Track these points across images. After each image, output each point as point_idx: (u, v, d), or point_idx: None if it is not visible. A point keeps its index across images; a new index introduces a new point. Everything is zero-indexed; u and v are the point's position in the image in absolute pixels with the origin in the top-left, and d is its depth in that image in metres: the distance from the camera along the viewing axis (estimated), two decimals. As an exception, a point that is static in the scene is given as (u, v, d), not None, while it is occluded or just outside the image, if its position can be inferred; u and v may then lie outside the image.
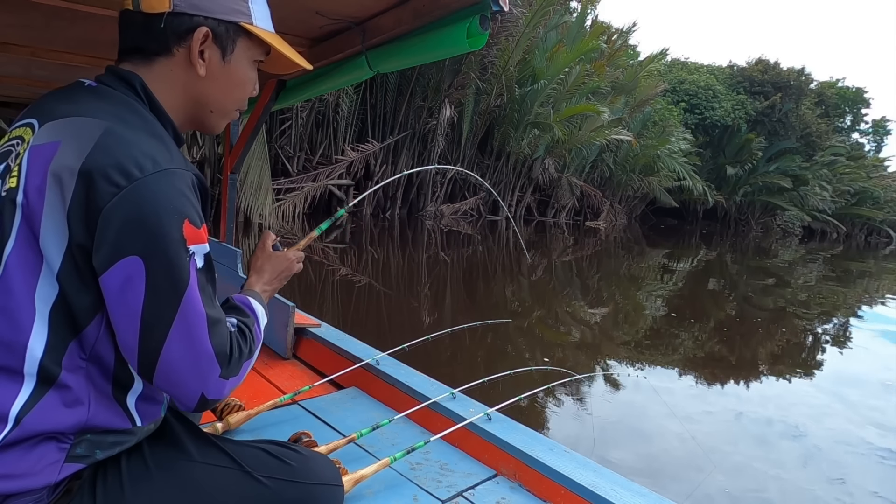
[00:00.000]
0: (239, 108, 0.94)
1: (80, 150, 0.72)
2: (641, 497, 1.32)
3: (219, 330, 0.79)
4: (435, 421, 1.71)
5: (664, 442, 3.22)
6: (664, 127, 22.04)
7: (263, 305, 1.01)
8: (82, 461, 0.78)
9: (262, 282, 1.07)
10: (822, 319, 7.97)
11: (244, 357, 0.85)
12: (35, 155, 0.74)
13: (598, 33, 17.46)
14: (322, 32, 1.79)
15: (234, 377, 0.82)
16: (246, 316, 0.93)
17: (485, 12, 1.27)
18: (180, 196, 0.74)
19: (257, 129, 2.49)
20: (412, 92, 14.61)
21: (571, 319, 6.40)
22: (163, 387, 0.77)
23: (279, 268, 1.10)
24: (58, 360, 0.74)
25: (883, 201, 33.32)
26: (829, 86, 33.50)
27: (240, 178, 8.73)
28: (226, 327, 0.82)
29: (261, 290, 1.05)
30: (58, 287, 0.73)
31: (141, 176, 0.71)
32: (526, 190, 19.25)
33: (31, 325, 0.73)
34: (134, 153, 0.72)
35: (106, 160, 0.71)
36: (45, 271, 0.73)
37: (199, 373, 0.77)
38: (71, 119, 0.76)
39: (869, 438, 3.54)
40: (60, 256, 0.72)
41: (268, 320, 1.00)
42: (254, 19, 0.87)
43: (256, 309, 0.97)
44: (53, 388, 0.74)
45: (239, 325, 0.88)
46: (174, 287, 0.73)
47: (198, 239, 0.76)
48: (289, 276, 1.13)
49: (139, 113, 0.80)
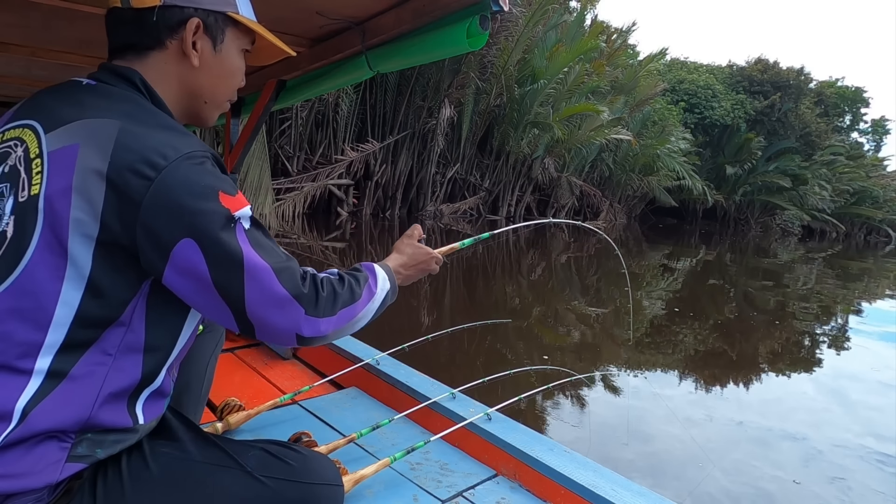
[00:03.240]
0: (230, 98, 0.96)
1: (103, 152, 0.72)
2: (641, 497, 1.32)
3: (288, 275, 0.81)
4: (435, 421, 1.71)
5: (664, 442, 3.22)
6: (664, 126, 22.06)
7: (390, 277, 1.03)
8: (83, 461, 0.78)
9: (399, 262, 1.11)
10: (821, 319, 7.97)
11: (339, 300, 0.87)
12: (55, 160, 0.74)
13: (597, 32, 17.46)
14: (322, 32, 1.79)
15: (331, 317, 0.85)
16: (358, 272, 0.97)
17: (485, 12, 1.27)
18: (207, 174, 0.76)
19: (257, 129, 2.48)
20: (412, 92, 14.61)
21: (571, 319, 6.40)
22: (266, 338, 0.83)
23: (419, 258, 1.14)
24: (75, 358, 0.75)
25: (882, 200, 33.36)
26: (828, 85, 33.53)
27: (240, 178, 8.72)
28: (296, 272, 0.83)
29: (394, 268, 1.09)
30: (84, 287, 0.74)
31: (166, 164, 0.73)
32: (525, 189, 19.25)
33: (49, 326, 0.73)
34: (154, 144, 0.74)
35: (130, 157, 0.72)
36: (71, 273, 0.73)
37: (286, 315, 0.80)
38: (83, 121, 0.76)
39: (868, 442, 3.54)
40: (90, 256, 0.73)
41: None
42: (239, 8, 0.89)
43: (378, 272, 1.00)
44: (61, 385, 0.74)
45: (341, 273, 0.92)
46: (230, 254, 0.76)
47: (238, 204, 0.78)
48: (425, 270, 1.16)
49: (145, 107, 0.81)
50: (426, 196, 16.23)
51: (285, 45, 0.97)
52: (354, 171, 14.29)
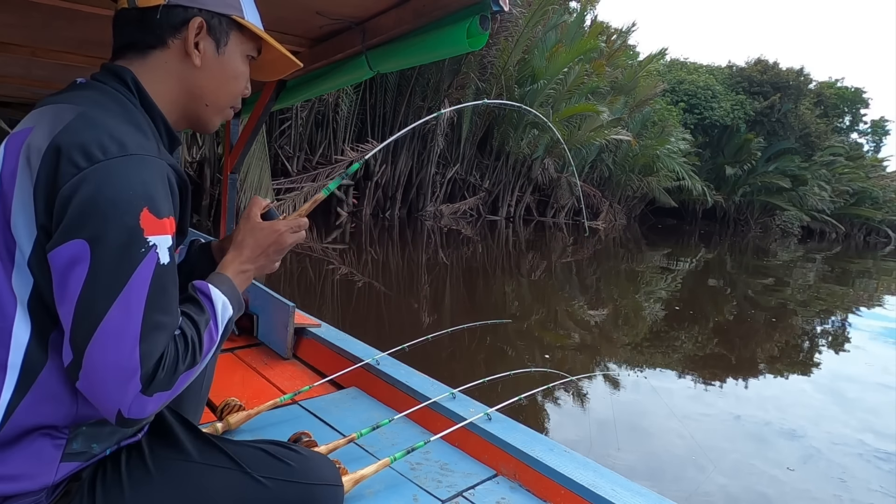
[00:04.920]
0: (233, 104, 0.93)
1: (50, 131, 0.71)
2: (641, 497, 1.32)
3: (155, 338, 0.71)
4: (435, 421, 1.71)
5: (664, 442, 3.22)
6: (663, 127, 22.06)
7: (232, 292, 0.86)
8: (79, 458, 0.77)
9: (239, 260, 0.90)
10: (820, 319, 7.97)
11: (180, 370, 0.74)
12: (11, 141, 0.75)
13: (597, 33, 17.46)
14: (322, 32, 1.79)
15: (164, 392, 0.73)
16: (199, 313, 0.80)
17: (485, 12, 1.27)
18: (143, 183, 0.70)
19: (257, 129, 2.49)
20: (412, 92, 14.62)
21: (571, 320, 6.40)
22: (85, 390, 0.71)
23: (264, 242, 0.91)
24: (44, 348, 0.73)
25: (881, 201, 33.35)
26: (827, 86, 33.52)
27: (240, 178, 8.71)
28: (165, 337, 0.72)
29: (236, 272, 0.89)
30: (31, 274, 0.72)
31: (103, 158, 0.69)
32: (525, 190, 19.26)
33: (14, 313, 0.72)
34: (100, 136, 0.71)
35: (71, 140, 0.70)
36: (19, 258, 0.72)
37: (119, 383, 0.68)
38: (49, 107, 0.76)
39: (867, 440, 3.54)
40: (31, 242, 0.71)
41: (268, 316, 0.93)
42: (244, 14, 0.89)
43: (216, 301, 0.82)
44: (40, 378, 0.73)
45: (183, 328, 0.76)
46: (115, 277, 0.68)
47: (158, 230, 0.70)
48: (279, 251, 0.92)
49: (122, 103, 0.80)
50: (426, 196, 16.23)
51: (292, 56, 0.96)
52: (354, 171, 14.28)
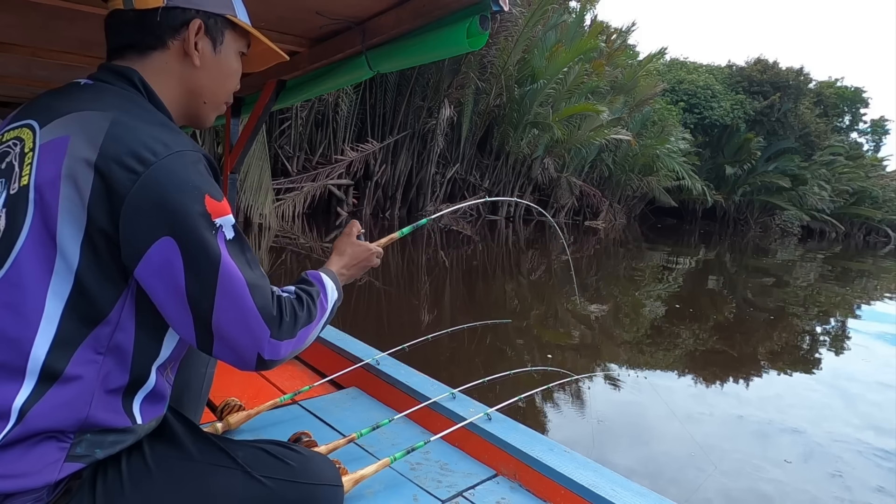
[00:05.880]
0: (227, 100, 0.98)
1: (93, 143, 0.73)
2: (641, 497, 1.32)
3: (261, 293, 0.80)
4: (435, 421, 1.71)
5: (664, 441, 3.22)
6: (663, 126, 22.08)
7: (337, 285, 1.04)
8: (82, 460, 0.78)
9: (340, 264, 1.12)
10: (820, 319, 7.97)
11: (300, 322, 0.86)
12: (45, 151, 0.75)
13: (596, 32, 17.47)
14: (322, 32, 1.79)
15: (290, 340, 0.84)
16: (311, 286, 0.96)
17: (485, 12, 1.27)
18: (196, 174, 0.76)
19: (257, 129, 2.48)
20: (412, 92, 14.61)
21: (571, 319, 6.40)
22: (223, 355, 0.80)
23: (359, 256, 1.16)
24: (67, 355, 0.74)
25: (881, 201, 33.40)
26: (827, 85, 33.53)
27: (240, 178, 8.71)
28: (269, 291, 0.82)
29: (338, 271, 1.10)
30: (73, 280, 0.73)
31: (156, 160, 0.73)
32: (525, 190, 19.26)
33: (39, 320, 0.73)
34: (145, 139, 0.74)
35: (119, 149, 0.72)
36: (60, 265, 0.73)
37: (252, 335, 0.79)
38: (75, 114, 0.77)
39: (867, 439, 3.54)
40: (78, 248, 0.73)
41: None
42: (236, 12, 0.93)
43: (326, 283, 1.00)
44: (57, 384, 0.74)
45: (297, 292, 0.91)
46: (209, 258, 0.75)
47: (221, 211, 0.77)
48: (367, 266, 1.18)
49: (140, 104, 0.82)
50: (426, 196, 16.23)
51: (278, 49, 1.01)
52: (354, 171, 14.28)
